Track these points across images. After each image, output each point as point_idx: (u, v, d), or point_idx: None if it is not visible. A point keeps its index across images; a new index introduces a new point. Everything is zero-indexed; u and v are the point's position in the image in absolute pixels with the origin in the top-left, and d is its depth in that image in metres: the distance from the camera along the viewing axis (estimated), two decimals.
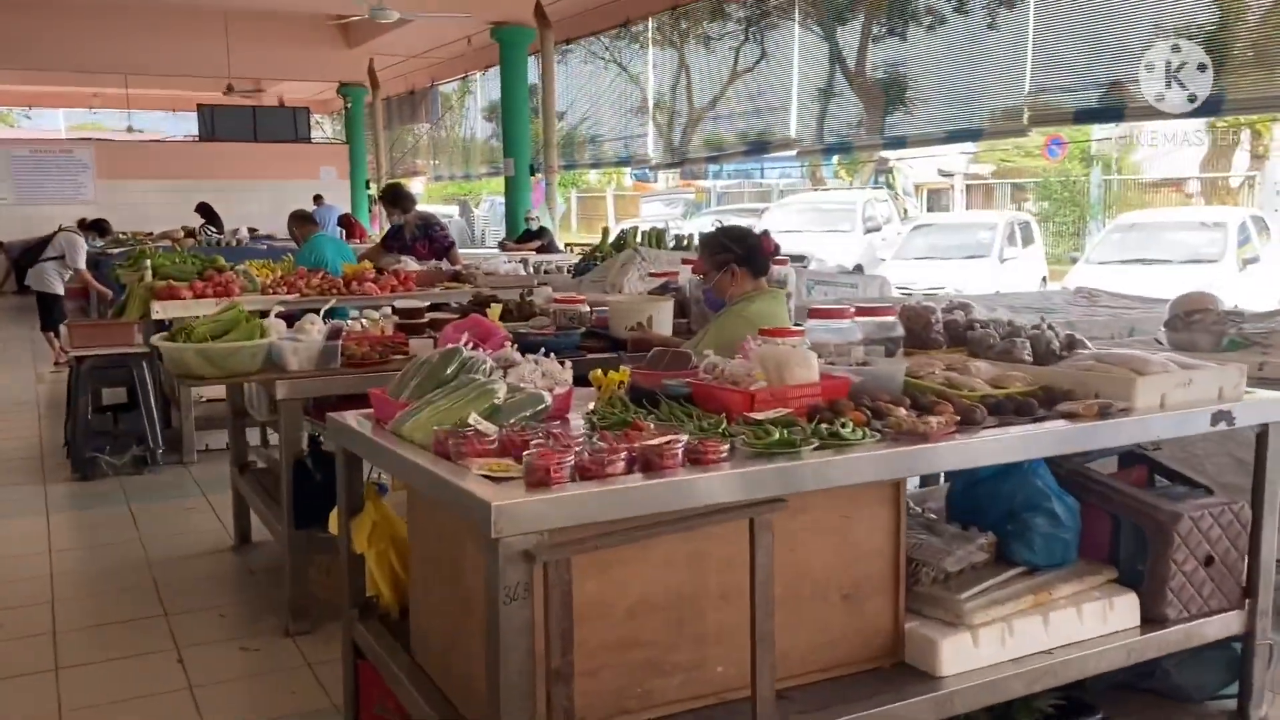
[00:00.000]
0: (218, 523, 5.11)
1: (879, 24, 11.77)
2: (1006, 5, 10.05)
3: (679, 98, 15.38)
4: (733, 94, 14.29)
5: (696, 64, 15.01)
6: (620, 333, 4.31)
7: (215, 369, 3.52)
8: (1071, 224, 23.06)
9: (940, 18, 10.78)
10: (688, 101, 15.27)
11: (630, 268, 7.64)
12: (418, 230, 7.99)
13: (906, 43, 11.36)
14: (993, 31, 10.25)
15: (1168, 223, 14.21)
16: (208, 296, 6.14)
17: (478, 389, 2.58)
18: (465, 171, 23.29)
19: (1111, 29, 8.98)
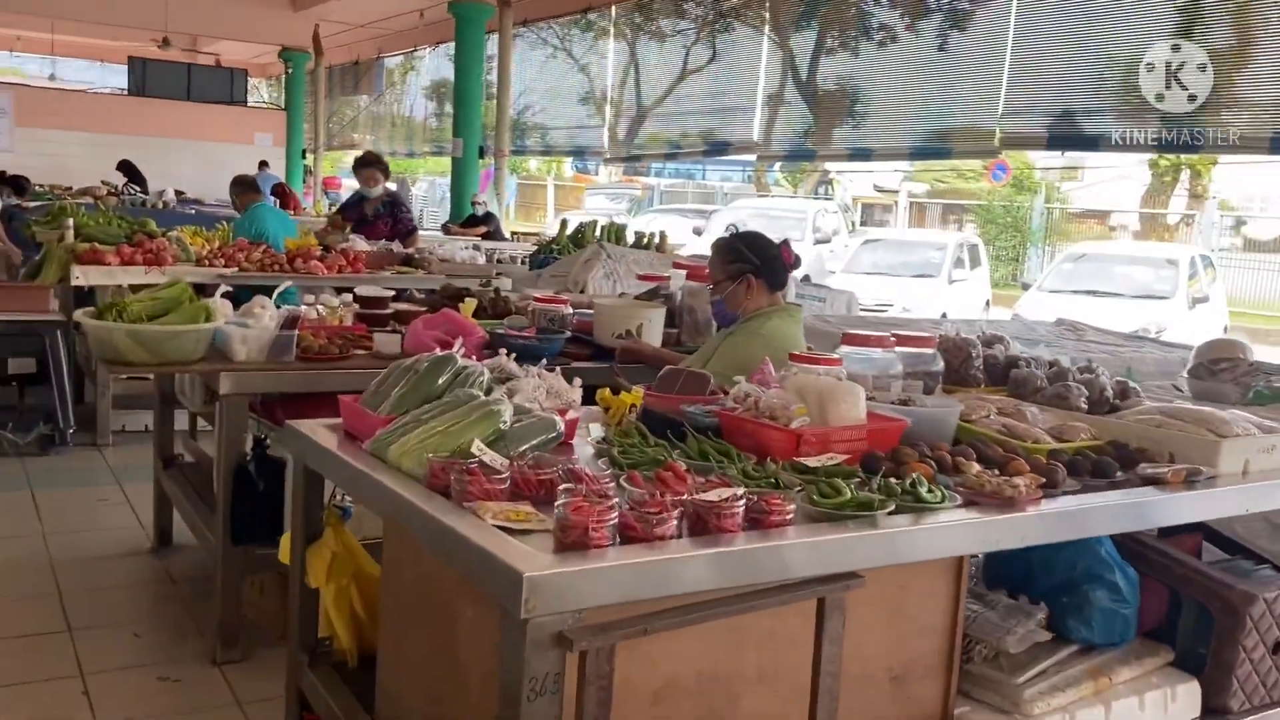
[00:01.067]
0: (134, 519, 4.57)
1: (848, 34, 11.52)
2: (980, 23, 9.86)
3: (640, 92, 14.97)
4: (693, 92, 13.92)
5: (656, 58, 14.62)
6: (607, 340, 3.91)
7: (150, 355, 3.03)
8: (1011, 249, 23.23)
9: (915, 31, 10.55)
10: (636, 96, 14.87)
11: (595, 265, 7.23)
12: (383, 207, 7.46)
13: (879, 53, 11.12)
14: (968, 50, 10.05)
15: (1118, 255, 14.24)
16: (136, 264, 5.57)
17: (480, 410, 2.16)
18: (409, 149, 22.57)
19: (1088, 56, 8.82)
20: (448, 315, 3.70)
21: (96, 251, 5.51)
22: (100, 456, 5.52)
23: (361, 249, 6.67)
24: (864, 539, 1.81)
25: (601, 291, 7.18)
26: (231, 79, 22.21)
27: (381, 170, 7.25)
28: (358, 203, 7.38)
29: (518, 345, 3.62)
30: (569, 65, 16.20)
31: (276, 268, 5.95)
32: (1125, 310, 11.64)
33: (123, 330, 2.98)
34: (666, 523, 1.70)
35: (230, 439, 3.18)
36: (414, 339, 3.53)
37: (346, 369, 3.31)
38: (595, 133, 15.86)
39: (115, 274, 5.49)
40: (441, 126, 21.64)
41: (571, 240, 9.52)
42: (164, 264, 5.60)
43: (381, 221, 7.34)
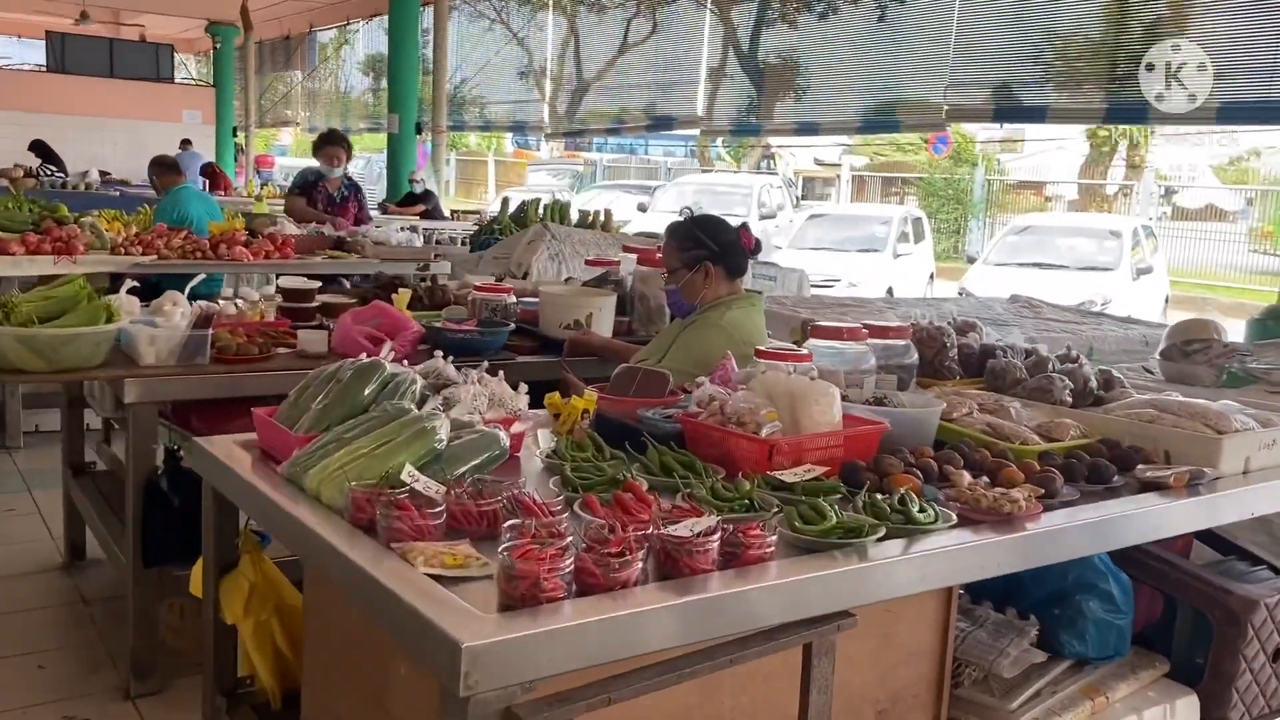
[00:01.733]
0: (45, 531, 4.23)
1: (790, 5, 11.29)
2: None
3: (581, 65, 14.61)
4: (635, 66, 13.61)
5: (596, 31, 14.27)
6: (554, 331, 3.65)
7: (44, 362, 2.71)
8: (953, 222, 23.26)
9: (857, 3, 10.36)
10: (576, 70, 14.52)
11: (539, 246, 6.96)
12: (347, 188, 7.09)
13: (822, 26, 10.91)
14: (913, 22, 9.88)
15: (1062, 227, 14.24)
16: (44, 253, 5.18)
17: (411, 427, 1.89)
18: (343, 125, 21.92)
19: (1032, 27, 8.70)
20: (379, 308, 3.42)
21: (0, 241, 5.10)
22: (10, 460, 5.14)
23: (291, 233, 6.32)
24: (856, 574, 1.58)
25: (547, 275, 6.92)
26: (157, 55, 21.41)
27: (344, 149, 6.89)
28: (315, 183, 6.99)
29: (457, 341, 3.37)
30: (507, 38, 15.77)
31: (199, 254, 5.59)
32: (1071, 283, 11.62)
33: (11, 335, 2.66)
34: (631, 566, 1.45)
35: (139, 451, 2.87)
36: (343, 336, 3.25)
37: (268, 371, 3.02)
38: (535, 107, 15.48)
39: (21, 264, 5.09)
40: (377, 102, 21.07)
41: (514, 219, 9.21)
42: (75, 253, 5.22)
43: (350, 204, 7.00)
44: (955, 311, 5.05)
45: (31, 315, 2.71)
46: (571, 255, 7.11)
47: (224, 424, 3.04)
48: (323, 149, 7.05)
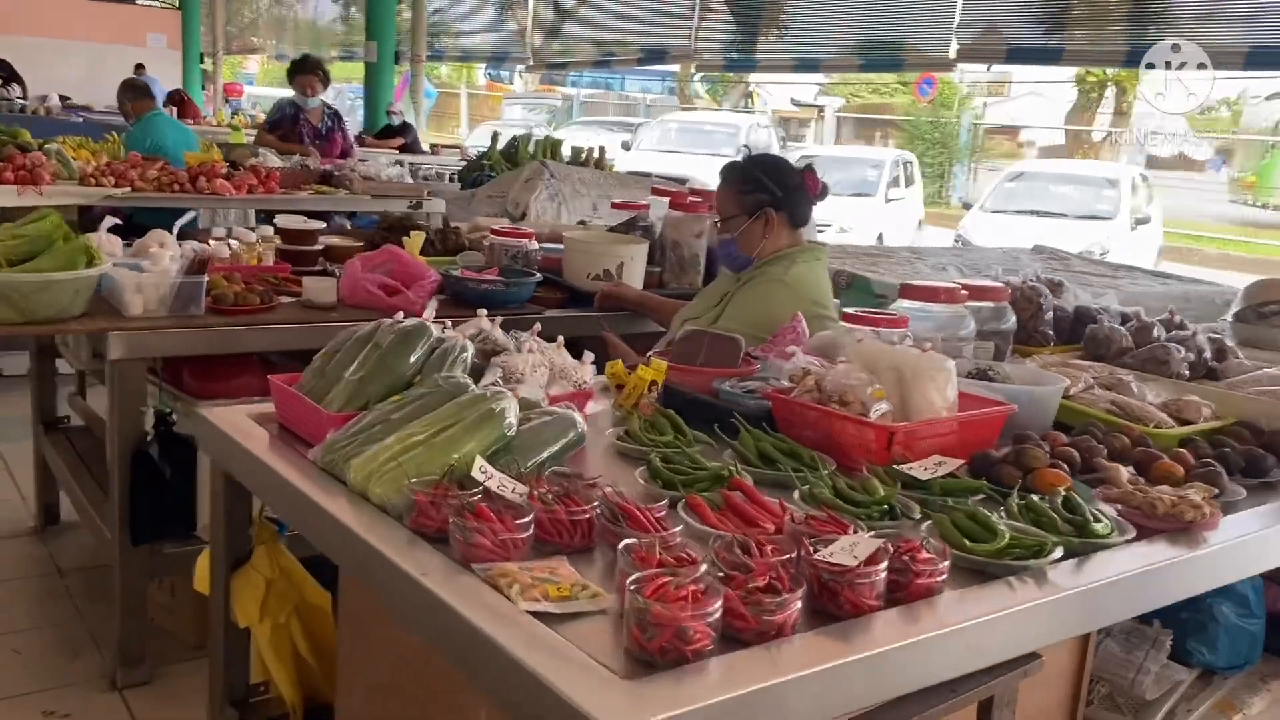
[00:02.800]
0: (14, 491, 3.87)
1: None
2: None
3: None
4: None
5: None
6: (581, 282, 3.31)
7: (16, 312, 2.34)
8: (937, 166, 22.93)
9: None
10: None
11: (537, 185, 6.58)
12: (330, 119, 6.63)
13: None
14: None
15: (1057, 174, 13.96)
16: (6, 183, 4.74)
17: (474, 408, 1.56)
18: (316, 53, 21.14)
19: None
20: (392, 253, 3.06)
21: None
22: None
23: (275, 165, 5.89)
24: (1045, 609, 1.28)
25: (545, 215, 6.55)
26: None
27: (320, 77, 6.43)
28: (295, 115, 6.53)
29: (480, 292, 3.03)
30: None
31: (176, 187, 5.17)
32: (1069, 231, 11.36)
33: None
34: (788, 607, 1.14)
35: (125, 415, 2.52)
36: (352, 284, 2.90)
37: (270, 324, 2.67)
38: (516, 38, 14.90)
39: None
40: (348, 30, 20.30)
41: (504, 155, 8.79)
42: (41, 183, 4.78)
43: (337, 135, 6.56)
44: (966, 263, 4.77)
45: (1, 259, 2.33)
46: (571, 195, 6.73)
47: (221, 383, 2.71)
48: (296, 77, 6.61)
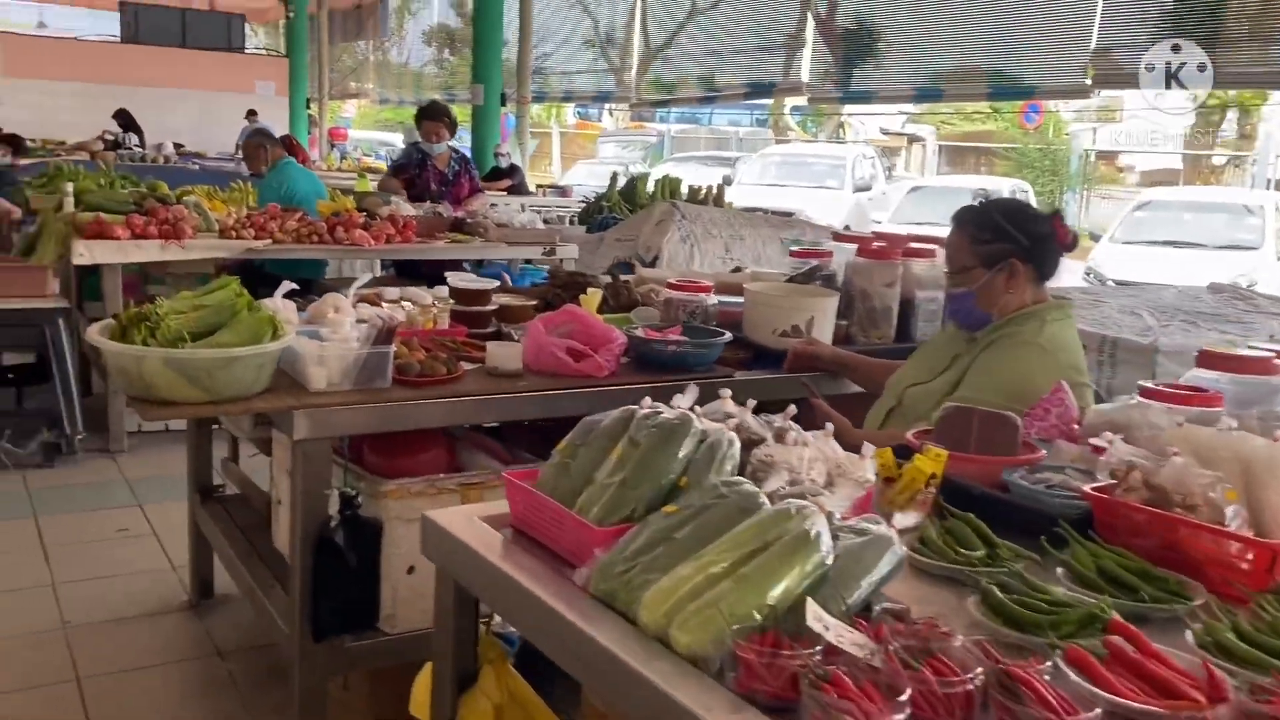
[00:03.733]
0: (163, 556, 3.73)
1: None
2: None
3: (668, 30, 13.89)
4: (730, 29, 12.87)
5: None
6: (768, 339, 3.03)
7: (198, 390, 2.15)
8: (1047, 195, 22.21)
9: None
10: (663, 35, 13.80)
11: (669, 227, 6.37)
12: (457, 164, 6.52)
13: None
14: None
15: (1187, 202, 13.28)
16: (150, 237, 4.68)
17: (776, 528, 1.29)
18: (415, 97, 21.44)
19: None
20: (572, 314, 2.83)
21: (102, 223, 4.61)
22: (114, 466, 4.67)
23: (409, 213, 5.77)
24: None
25: (678, 259, 6.32)
26: (229, 24, 21.06)
27: (447, 124, 6.31)
28: (422, 161, 6.42)
29: (668, 355, 2.79)
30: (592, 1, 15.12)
31: (315, 239, 5.08)
32: (1210, 262, 10.71)
33: (159, 359, 2.11)
34: None
35: (309, 499, 2.32)
36: (537, 349, 2.66)
37: (459, 397, 2.44)
38: (620, 75, 14.82)
39: (126, 250, 4.60)
40: (445, 73, 20.57)
41: (623, 196, 8.62)
42: (183, 236, 4.71)
43: (464, 180, 6.45)
44: (1145, 305, 4.38)
45: (181, 330, 2.15)
46: (704, 236, 6.50)
47: (407, 458, 2.50)
48: (424, 123, 6.47)
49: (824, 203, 15.52)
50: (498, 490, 2.54)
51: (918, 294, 3.34)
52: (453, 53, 20.84)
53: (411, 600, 2.46)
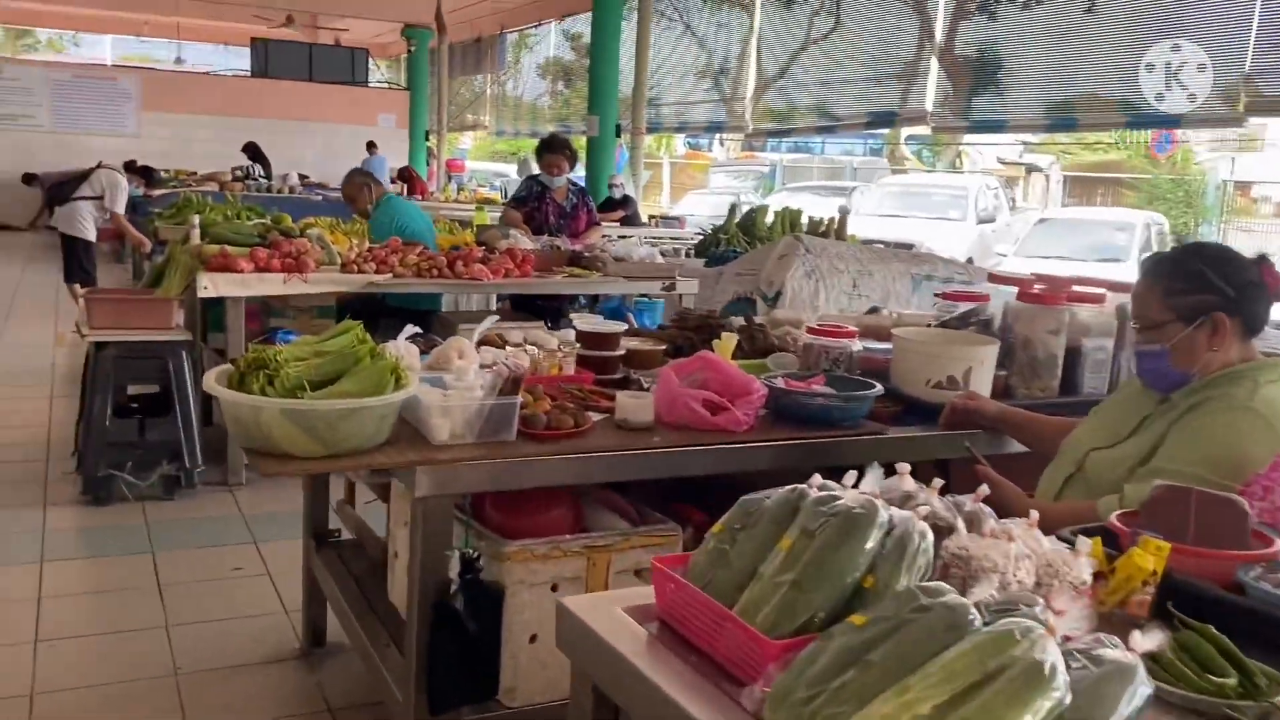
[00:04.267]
0: (276, 598, 3.64)
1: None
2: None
3: (785, 58, 13.67)
4: (850, 58, 12.59)
5: (803, 20, 13.28)
6: (920, 390, 2.77)
7: (318, 443, 2.01)
8: (1183, 228, 21.17)
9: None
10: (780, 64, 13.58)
11: (792, 261, 6.13)
12: (575, 195, 6.44)
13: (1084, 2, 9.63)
14: None
15: None
16: (273, 270, 4.65)
17: (1005, 654, 1.05)
18: (532, 129, 21.69)
19: None
20: (707, 361, 2.62)
21: (227, 256, 4.60)
22: (232, 500, 4.63)
23: (527, 246, 5.66)
24: None
25: (803, 294, 6.08)
26: (352, 59, 21.68)
27: (568, 156, 6.23)
28: (541, 194, 6.34)
29: (814, 409, 2.56)
30: (706, 32, 15.02)
31: (435, 273, 4.99)
32: None
33: (278, 410, 1.97)
34: None
35: (429, 560, 2.15)
36: (671, 400, 2.46)
37: (588, 453, 2.26)
38: (733, 105, 14.66)
39: (249, 283, 4.58)
40: (559, 105, 20.74)
41: (741, 228, 8.42)
42: (306, 270, 4.68)
43: (582, 213, 6.36)
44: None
45: (302, 380, 2.02)
46: (829, 271, 6.24)
47: (530, 517, 2.32)
48: (545, 156, 6.37)
49: (946, 235, 15.03)
50: (626, 554, 2.36)
51: (1084, 342, 3.04)
52: (566, 86, 21.04)
53: (533, 671, 2.27)
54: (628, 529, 2.39)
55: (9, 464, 4.95)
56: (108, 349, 4.39)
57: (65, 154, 17.10)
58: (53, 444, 5.29)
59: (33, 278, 11.55)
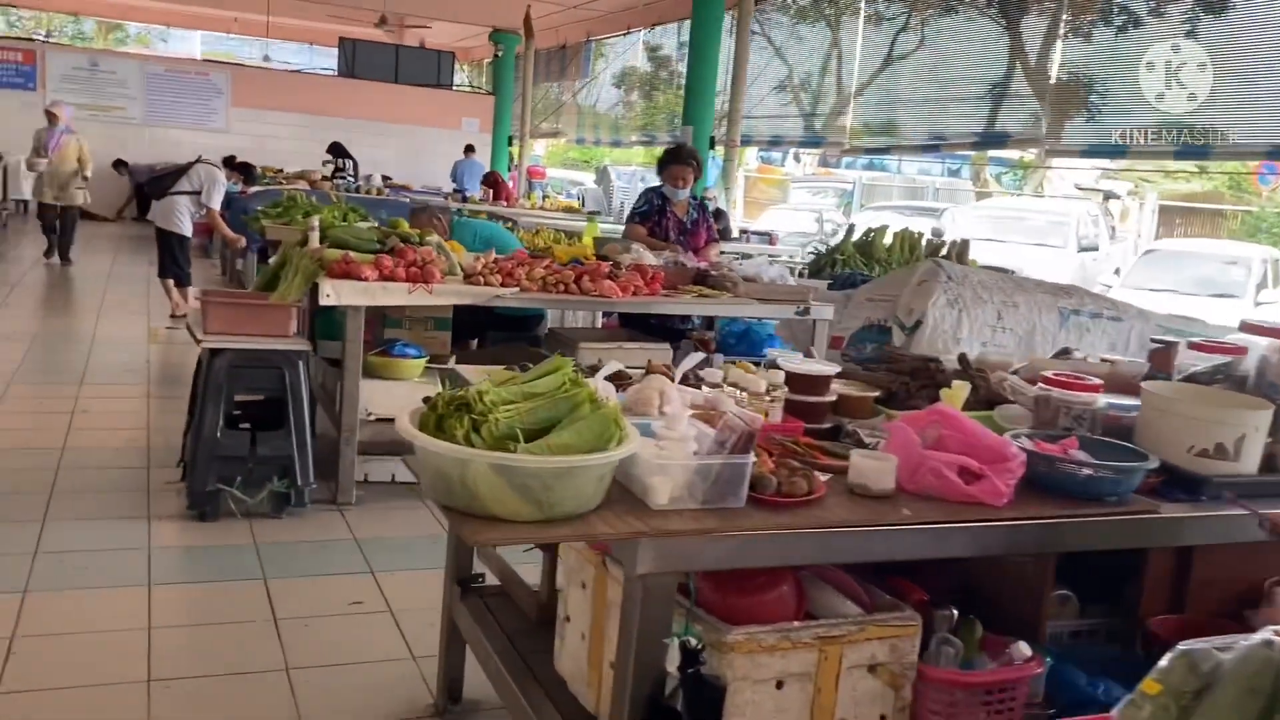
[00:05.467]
0: (400, 641, 3.32)
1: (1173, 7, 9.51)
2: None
3: (887, 76, 13.22)
4: (959, 76, 12.11)
5: (909, 38, 12.83)
6: (1179, 458, 2.36)
7: (532, 507, 1.67)
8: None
9: None
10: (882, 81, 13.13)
11: (933, 289, 5.73)
12: (695, 210, 6.11)
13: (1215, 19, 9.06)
14: None
15: None
16: (397, 279, 4.37)
17: None
18: (614, 138, 21.44)
19: None
20: (942, 416, 2.24)
21: (350, 263, 4.32)
22: (343, 522, 4.34)
23: (650, 262, 5.32)
24: None
25: (944, 324, 5.68)
26: (439, 62, 21.60)
27: (695, 168, 5.89)
28: (661, 207, 6.00)
29: (1080, 481, 2.16)
30: (801, 46, 14.62)
31: (561, 288, 4.67)
32: None
33: (486, 465, 1.64)
34: None
35: (644, 648, 1.80)
36: (914, 465, 2.09)
37: (830, 528, 1.89)
38: (829, 121, 14.24)
39: (373, 292, 4.30)
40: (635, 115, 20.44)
41: (858, 249, 8.02)
42: (432, 281, 4.38)
43: (701, 228, 6.02)
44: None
45: (514, 428, 1.68)
46: (973, 301, 5.83)
47: (751, 596, 1.97)
48: (669, 167, 5.99)
49: (1045, 262, 14.45)
50: (860, 646, 1.99)
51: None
52: (642, 96, 20.74)
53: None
54: (861, 616, 2.02)
55: (111, 470, 4.71)
56: (222, 356, 4.13)
57: (155, 147, 17.22)
58: (153, 450, 5.06)
59: (121, 269, 11.51)
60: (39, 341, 7.34)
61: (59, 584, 3.51)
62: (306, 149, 17.29)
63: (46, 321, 8.08)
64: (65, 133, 11.21)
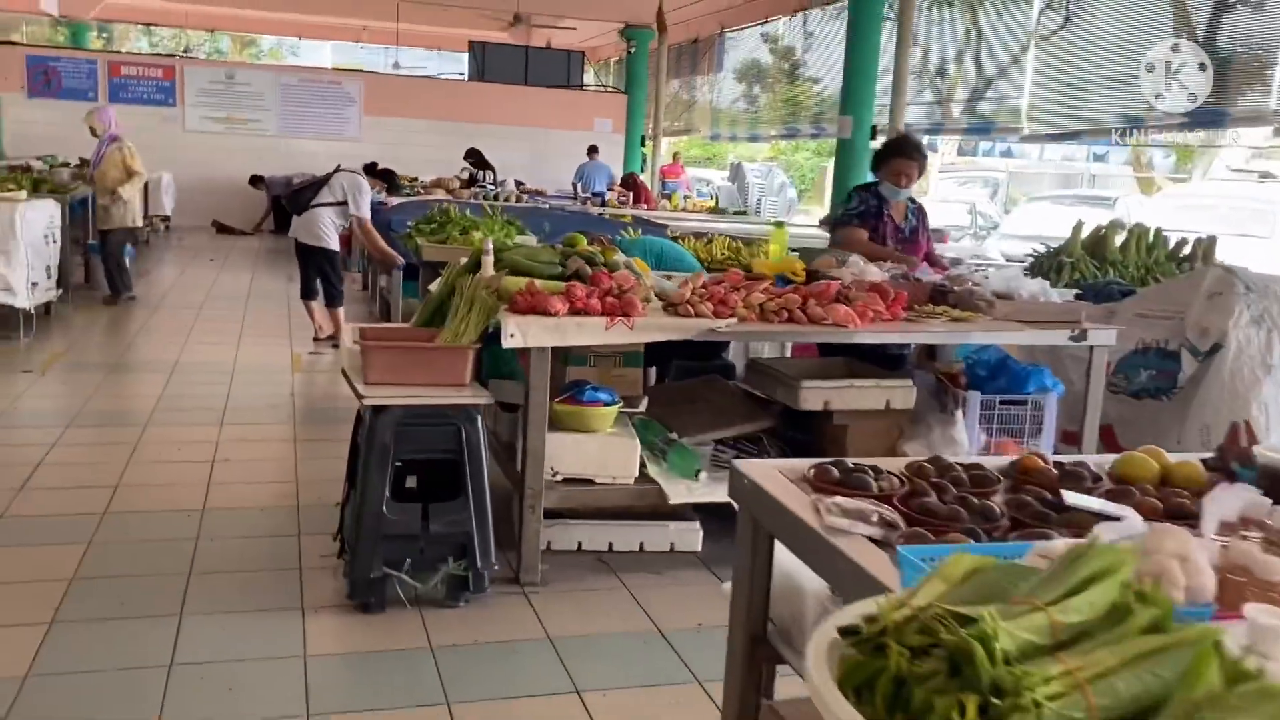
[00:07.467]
0: None
1: None
2: None
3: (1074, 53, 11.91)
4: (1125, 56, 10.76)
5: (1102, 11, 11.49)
6: None
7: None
8: None
9: None
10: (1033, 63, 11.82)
11: (1231, 302, 4.70)
12: (914, 214, 5.17)
13: None
14: None
15: None
16: (592, 312, 3.53)
17: None
18: (751, 133, 20.44)
19: None
20: None
21: (535, 294, 3.50)
22: (530, 611, 3.53)
23: (875, 276, 4.38)
24: None
25: (1250, 348, 4.61)
26: (569, 62, 20.98)
27: (920, 163, 4.92)
28: (878, 208, 5.06)
29: None
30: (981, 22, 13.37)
31: (785, 315, 3.76)
32: None
33: None
34: None
35: None
36: None
37: None
38: (1008, 105, 12.98)
39: (566, 330, 3.47)
40: (775, 106, 19.35)
41: (1086, 249, 6.88)
42: (633, 313, 3.53)
43: (920, 236, 5.07)
44: None
45: None
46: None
47: None
48: (890, 161, 5.00)
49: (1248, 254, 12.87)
50: None
51: None
52: (780, 87, 19.66)
53: None
54: None
55: (257, 540, 4.02)
56: (388, 413, 3.36)
57: (289, 158, 17.01)
58: (303, 509, 4.37)
59: (260, 286, 11.10)
60: (180, 373, 6.82)
61: (198, 713, 2.79)
62: (439, 155, 16.89)
63: (188, 349, 7.59)
64: (108, 143, 9.30)
